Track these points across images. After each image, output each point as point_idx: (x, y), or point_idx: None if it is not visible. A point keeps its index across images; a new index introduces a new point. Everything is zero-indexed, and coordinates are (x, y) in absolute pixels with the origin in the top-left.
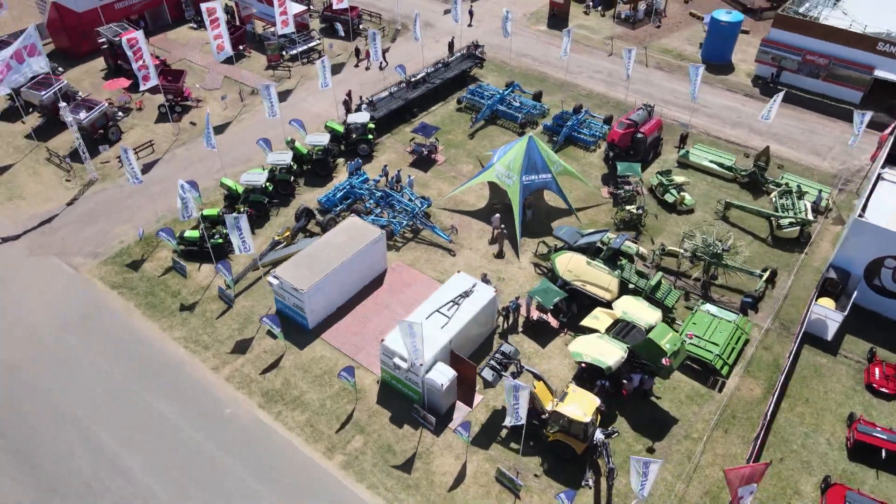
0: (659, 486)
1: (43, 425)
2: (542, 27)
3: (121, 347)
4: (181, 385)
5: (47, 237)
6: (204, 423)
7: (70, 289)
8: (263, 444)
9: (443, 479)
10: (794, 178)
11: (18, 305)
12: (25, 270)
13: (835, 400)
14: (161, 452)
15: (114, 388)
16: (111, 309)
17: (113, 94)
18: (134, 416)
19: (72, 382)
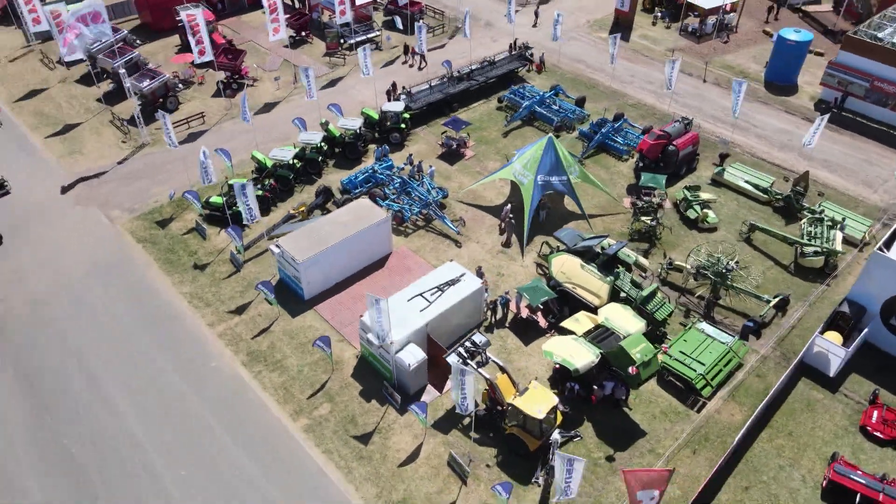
0: (609, 494)
1: (51, 354)
2: (604, 34)
3: (134, 295)
4: (177, 335)
5: (94, 190)
6: (189, 372)
7: (103, 238)
8: (238, 399)
9: (396, 455)
10: (833, 207)
11: (55, 247)
12: (69, 217)
13: (822, 437)
14: (146, 392)
15: (119, 330)
16: (133, 260)
17: (179, 68)
18: (130, 358)
19: (84, 321)
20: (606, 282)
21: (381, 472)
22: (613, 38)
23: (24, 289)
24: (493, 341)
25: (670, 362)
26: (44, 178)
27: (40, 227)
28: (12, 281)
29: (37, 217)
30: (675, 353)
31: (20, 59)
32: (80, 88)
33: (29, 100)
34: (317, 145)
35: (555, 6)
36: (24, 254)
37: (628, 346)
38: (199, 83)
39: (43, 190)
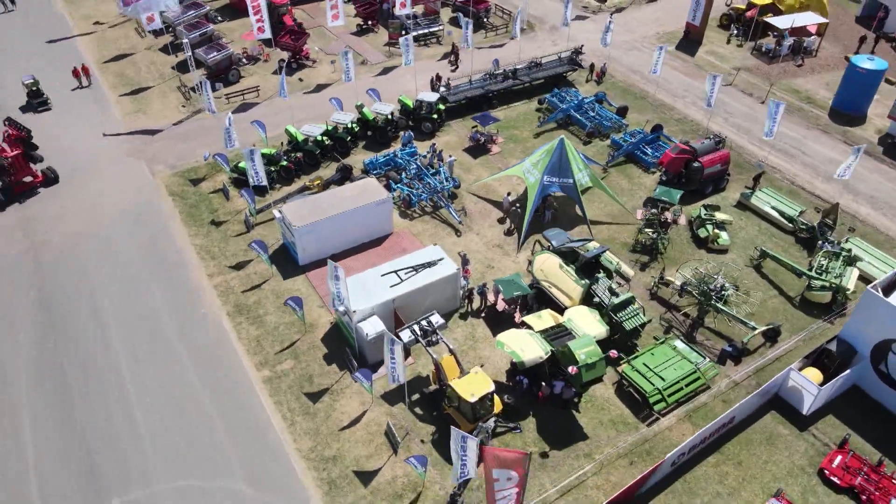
0: (532, 488)
1: (69, 283)
2: (671, 48)
3: (152, 242)
4: (179, 281)
5: (146, 145)
6: (179, 315)
7: (141, 188)
8: (214, 344)
9: (340, 417)
10: (861, 244)
11: (100, 191)
12: (118, 166)
13: (773, 473)
14: (138, 327)
15: (131, 271)
16: (162, 211)
17: (249, 44)
18: (133, 296)
19: (104, 258)
20: (581, 285)
21: (321, 429)
22: (660, 48)
23: (65, 224)
24: (464, 329)
25: (630, 373)
26: (107, 130)
27: (93, 172)
28: (57, 216)
29: (92, 163)
30: (638, 364)
31: (118, 26)
32: (161, 56)
33: (116, 62)
34: (347, 125)
35: (628, 16)
36: (73, 194)
37: (575, 346)
38: (265, 60)
39: (104, 140)
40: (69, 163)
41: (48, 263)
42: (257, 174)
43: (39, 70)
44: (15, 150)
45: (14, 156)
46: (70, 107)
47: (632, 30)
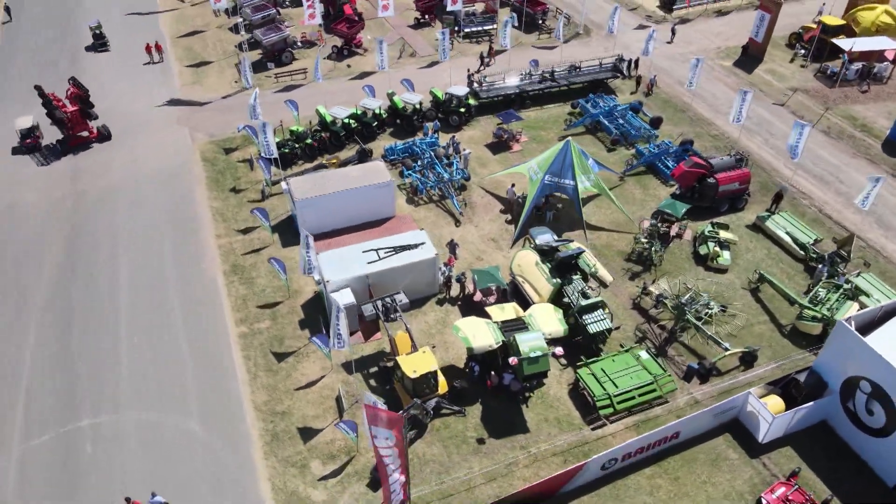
0: (460, 470)
1: (95, 229)
2: (727, 63)
3: (175, 200)
4: (189, 237)
5: (193, 114)
6: (180, 266)
7: (179, 151)
8: (205, 296)
9: (298, 378)
10: (873, 280)
11: (143, 151)
12: (164, 130)
13: (708, 494)
14: (143, 273)
15: (152, 224)
16: (192, 173)
17: (308, 29)
18: (146, 246)
19: (131, 211)
20: (552, 283)
21: (278, 386)
22: (697, 60)
23: (106, 177)
24: (438, 314)
25: (585, 376)
26: (164, 97)
27: (142, 133)
28: (101, 169)
29: (143, 125)
30: (596, 368)
31: (198, 5)
32: (228, 35)
33: (187, 37)
34: (375, 111)
35: (693, 28)
36: (120, 151)
37: (521, 338)
38: (321, 45)
39: (158, 105)
40: (123, 123)
41: (83, 209)
42: (268, 146)
43: (119, 41)
44: (74, 106)
45: (72, 111)
46: (137, 73)
47: (691, 41)
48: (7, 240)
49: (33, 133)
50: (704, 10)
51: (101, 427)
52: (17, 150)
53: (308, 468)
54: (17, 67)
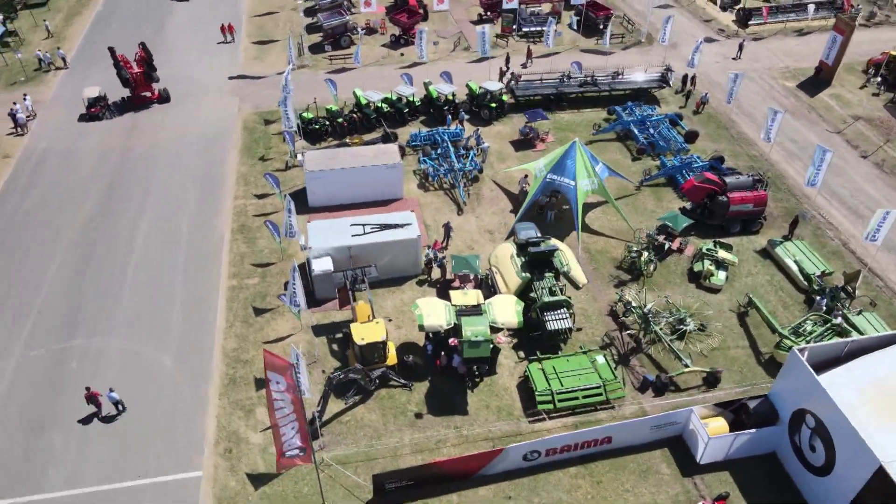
0: (390, 437)
1: (133, 179)
2: (792, 84)
3: (208, 162)
4: (210, 197)
5: (247, 86)
6: (195, 220)
7: (224, 119)
8: (209, 249)
9: (269, 332)
10: (877, 322)
11: (194, 116)
12: (216, 99)
13: (626, 501)
14: (164, 223)
15: (182, 181)
16: (230, 139)
17: (372, 17)
18: (173, 200)
19: (169, 168)
20: (521, 277)
21: (249, 337)
22: (735, 74)
23: (154, 136)
24: (414, 293)
25: (533, 370)
26: (225, 69)
27: (196, 99)
28: (151, 129)
29: (199, 93)
30: (547, 364)
31: None
32: (299, 17)
33: (262, 17)
34: (408, 98)
35: (767, 44)
36: (173, 113)
37: (466, 322)
38: (381, 33)
39: (218, 76)
40: (183, 89)
41: (128, 162)
42: (288, 119)
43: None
44: (139, 68)
45: (136, 73)
46: (207, 48)
47: (758, 59)
48: (57, 181)
49: (99, 102)
50: (783, 27)
51: (90, 349)
52: (82, 116)
53: (254, 413)
54: (112, 31)
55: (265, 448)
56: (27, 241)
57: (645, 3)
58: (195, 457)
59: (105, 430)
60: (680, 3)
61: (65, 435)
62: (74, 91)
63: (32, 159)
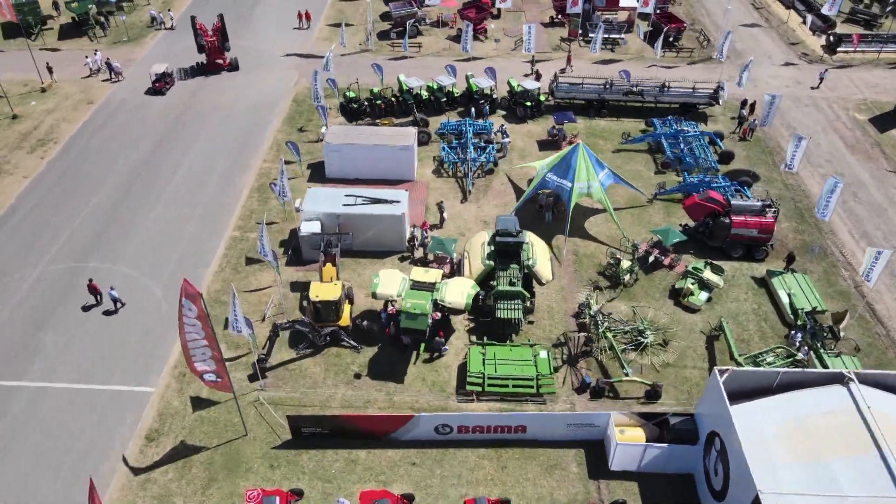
0: (325, 388)
1: (183, 135)
2: (864, 117)
3: (252, 125)
4: (242, 157)
5: (309, 64)
6: (223, 176)
7: (280, 90)
8: (226, 202)
9: (252, 282)
10: (854, 366)
11: (254, 85)
12: (279, 72)
13: (523, 490)
14: (198, 174)
15: (224, 138)
16: (277, 107)
17: (444, 11)
18: (211, 156)
19: (217, 128)
20: (484, 264)
21: (234, 282)
22: (772, 96)
23: (215, 99)
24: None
25: (472, 352)
26: (296, 47)
27: (261, 70)
28: (214, 93)
29: (266, 65)
30: (488, 350)
31: None
32: (379, 5)
33: (346, 1)
34: (447, 89)
35: (853, 73)
36: (237, 81)
37: (408, 295)
38: (451, 27)
39: (287, 52)
40: (252, 60)
41: (185, 117)
42: (317, 94)
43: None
44: (214, 37)
45: (211, 41)
46: (285, 28)
47: (836, 87)
48: (123, 128)
49: (164, 78)
50: (877, 58)
51: (99, 270)
52: (147, 90)
53: None
54: (214, 1)
55: None
56: (82, 174)
57: (726, 20)
58: (153, 375)
59: (89, 339)
60: (770, 22)
61: (56, 337)
62: (167, 51)
63: (109, 108)
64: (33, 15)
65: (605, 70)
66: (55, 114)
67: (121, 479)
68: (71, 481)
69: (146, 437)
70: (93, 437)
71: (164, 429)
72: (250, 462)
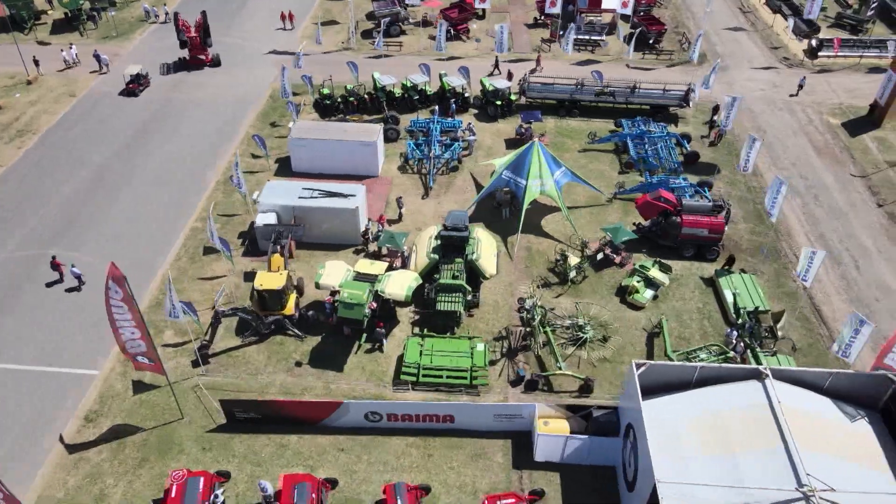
0: (264, 378)
1: (164, 125)
2: (837, 121)
3: (227, 119)
4: (213, 150)
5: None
6: (192, 168)
7: (257, 86)
8: (192, 193)
9: (206, 271)
10: (788, 364)
11: (234, 81)
12: (259, 68)
13: (445, 478)
14: (170, 162)
15: (199, 131)
16: (254, 103)
17: (428, 11)
18: (186, 146)
19: (194, 118)
20: (428, 258)
21: (189, 270)
22: (733, 98)
23: (195, 93)
24: (349, 260)
25: (409, 343)
26: (278, 44)
27: (242, 67)
28: (195, 87)
29: (247, 61)
30: (427, 341)
31: None
32: (366, 3)
33: (334, 1)
34: (420, 87)
35: (832, 78)
36: (218, 76)
37: (346, 286)
38: (435, 26)
39: (270, 50)
40: (234, 56)
41: (164, 111)
42: (285, 88)
43: None
44: (196, 32)
45: (193, 37)
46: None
47: (813, 92)
48: (101, 120)
49: (138, 79)
50: (858, 62)
51: (61, 257)
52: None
53: (162, 334)
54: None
55: None
56: (56, 165)
57: (705, 21)
58: (101, 358)
59: (43, 323)
60: (756, 26)
61: (14, 319)
62: (154, 46)
63: (90, 101)
64: (27, 9)
65: (584, 71)
66: (37, 106)
67: (55, 457)
68: (5, 460)
69: (85, 417)
70: (31, 417)
71: (103, 410)
72: (183, 444)
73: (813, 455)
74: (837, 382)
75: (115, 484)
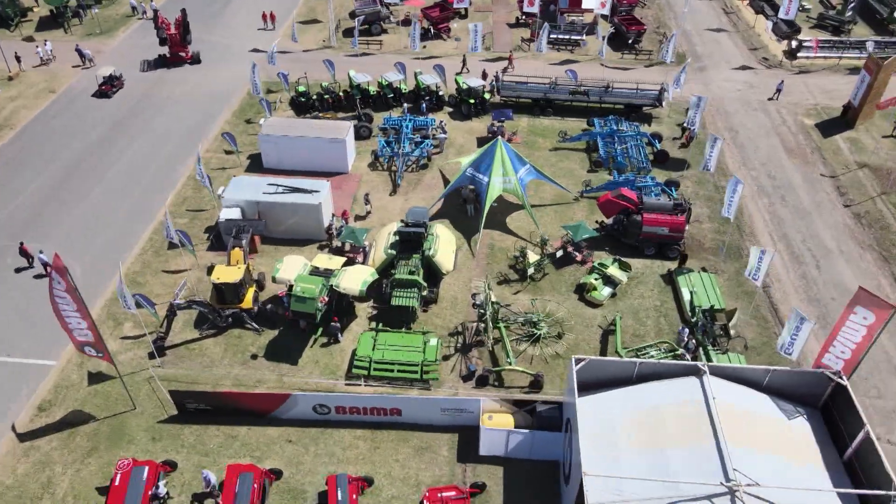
0: (220, 368)
1: (139, 119)
2: (811, 121)
3: (202, 116)
4: (187, 145)
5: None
6: (166, 162)
7: (235, 84)
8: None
9: (170, 264)
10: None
11: (213, 78)
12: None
13: (389, 469)
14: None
15: (174, 128)
16: (230, 100)
17: (411, 10)
18: (159, 141)
19: (170, 115)
20: (386, 253)
21: (152, 264)
22: (698, 98)
23: (173, 90)
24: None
25: (363, 337)
26: (259, 42)
27: (222, 64)
28: (174, 84)
29: (227, 59)
30: (380, 336)
31: None
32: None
33: None
34: (395, 85)
35: (810, 79)
36: (197, 74)
37: (299, 279)
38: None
39: (250, 48)
40: (215, 54)
41: (141, 106)
42: (256, 85)
43: None
44: (176, 30)
45: (173, 34)
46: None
47: (790, 93)
48: (79, 116)
49: (111, 81)
50: (837, 63)
51: None
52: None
53: (122, 326)
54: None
55: (114, 355)
56: (29, 159)
57: (683, 21)
58: (59, 349)
59: (3, 312)
60: (737, 27)
61: None
62: (137, 42)
63: (69, 96)
64: (12, 7)
65: (562, 70)
66: (17, 101)
67: (6, 445)
68: None
69: (38, 406)
70: None
71: (57, 400)
72: (133, 434)
73: (742, 451)
74: (776, 379)
75: (63, 472)
